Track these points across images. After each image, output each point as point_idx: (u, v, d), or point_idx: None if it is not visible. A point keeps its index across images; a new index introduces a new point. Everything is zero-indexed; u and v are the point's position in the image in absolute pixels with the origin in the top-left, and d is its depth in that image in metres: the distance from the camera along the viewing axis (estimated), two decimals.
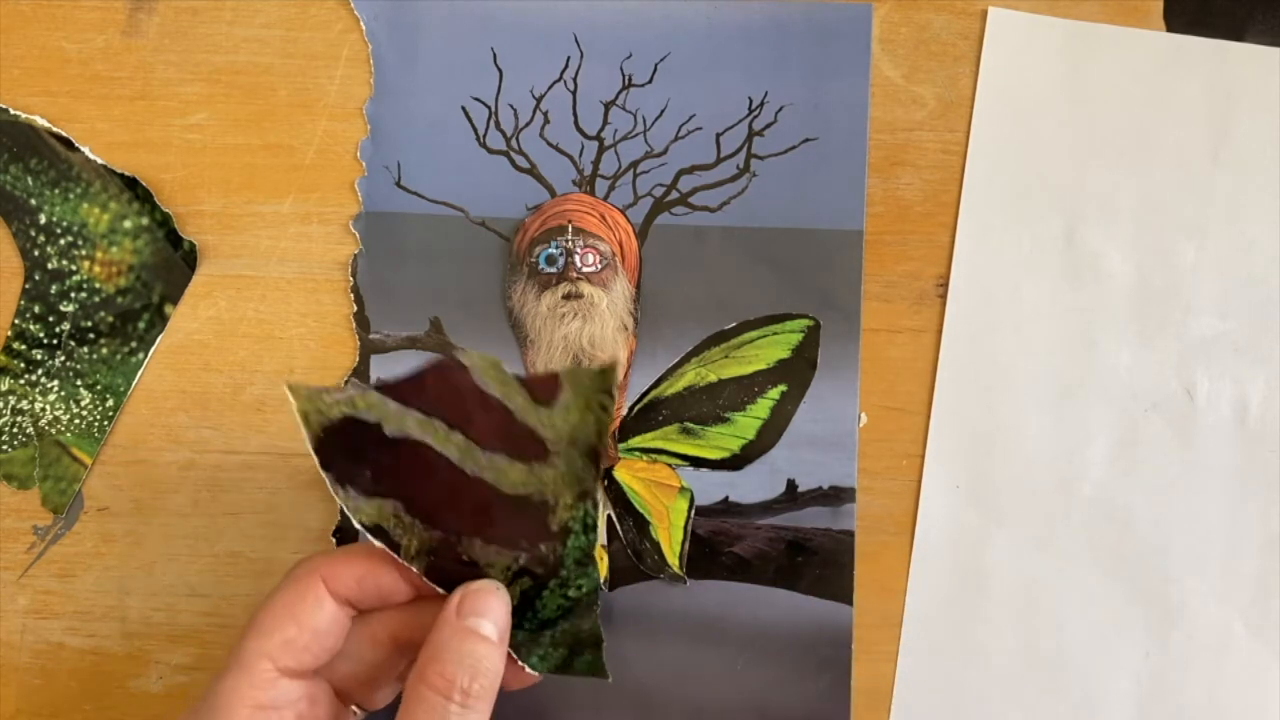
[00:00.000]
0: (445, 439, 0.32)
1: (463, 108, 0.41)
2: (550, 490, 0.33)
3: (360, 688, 0.33)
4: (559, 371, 0.33)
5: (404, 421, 0.32)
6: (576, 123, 0.41)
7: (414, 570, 0.33)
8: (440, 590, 0.33)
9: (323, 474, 0.32)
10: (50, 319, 0.40)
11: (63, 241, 0.40)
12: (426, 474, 0.32)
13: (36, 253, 0.40)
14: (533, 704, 0.39)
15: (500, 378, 0.32)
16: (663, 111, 0.41)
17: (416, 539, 0.33)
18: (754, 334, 0.40)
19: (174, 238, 0.40)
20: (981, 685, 0.40)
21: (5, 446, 0.40)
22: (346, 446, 0.32)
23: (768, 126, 0.41)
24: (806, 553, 0.39)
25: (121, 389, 0.40)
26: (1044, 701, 0.39)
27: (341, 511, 0.40)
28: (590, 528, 0.33)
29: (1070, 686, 0.40)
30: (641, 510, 0.40)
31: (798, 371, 0.40)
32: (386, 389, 0.32)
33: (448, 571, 0.33)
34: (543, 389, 0.33)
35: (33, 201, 0.40)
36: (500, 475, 0.33)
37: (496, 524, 0.33)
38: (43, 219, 0.40)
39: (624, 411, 0.40)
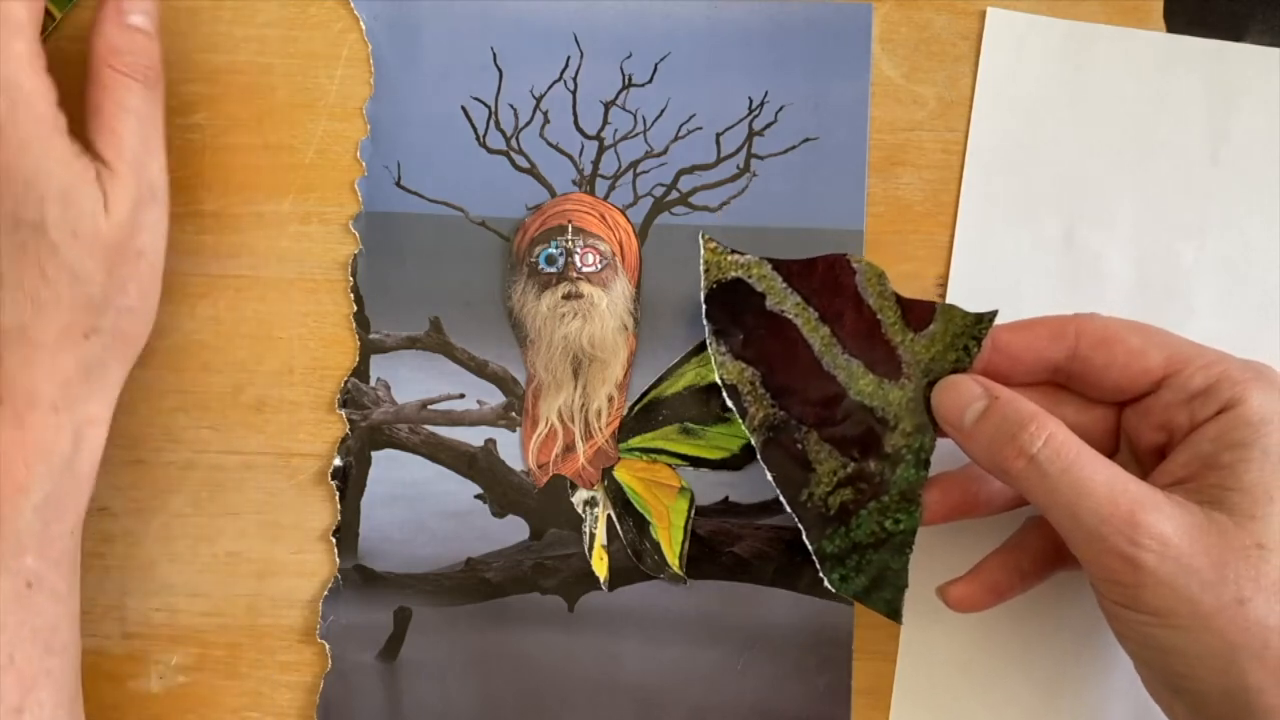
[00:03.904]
0: (815, 328, 0.35)
1: (463, 108, 0.41)
2: (893, 411, 0.35)
3: None
4: (937, 303, 0.36)
5: (785, 300, 0.35)
6: (576, 122, 0.41)
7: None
8: (769, 471, 0.36)
9: (705, 323, 0.36)
10: None
11: None
12: (789, 355, 0.35)
13: None
14: (534, 703, 0.39)
15: (880, 290, 0.36)
16: (663, 111, 0.41)
17: (763, 411, 0.35)
18: None
19: None
20: (981, 685, 0.40)
21: None
22: (731, 306, 0.35)
23: (768, 126, 0.41)
24: (806, 553, 0.39)
25: None
26: (1044, 701, 0.40)
27: (342, 511, 0.40)
28: (923, 464, 0.35)
29: (1070, 686, 0.40)
30: (641, 510, 0.40)
31: None
32: (779, 266, 0.36)
33: (780, 454, 0.36)
34: (916, 314, 0.36)
35: None
36: (851, 379, 0.35)
37: (836, 425, 0.35)
38: None
39: (624, 411, 0.40)
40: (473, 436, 0.40)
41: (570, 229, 0.40)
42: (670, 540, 0.40)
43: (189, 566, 0.40)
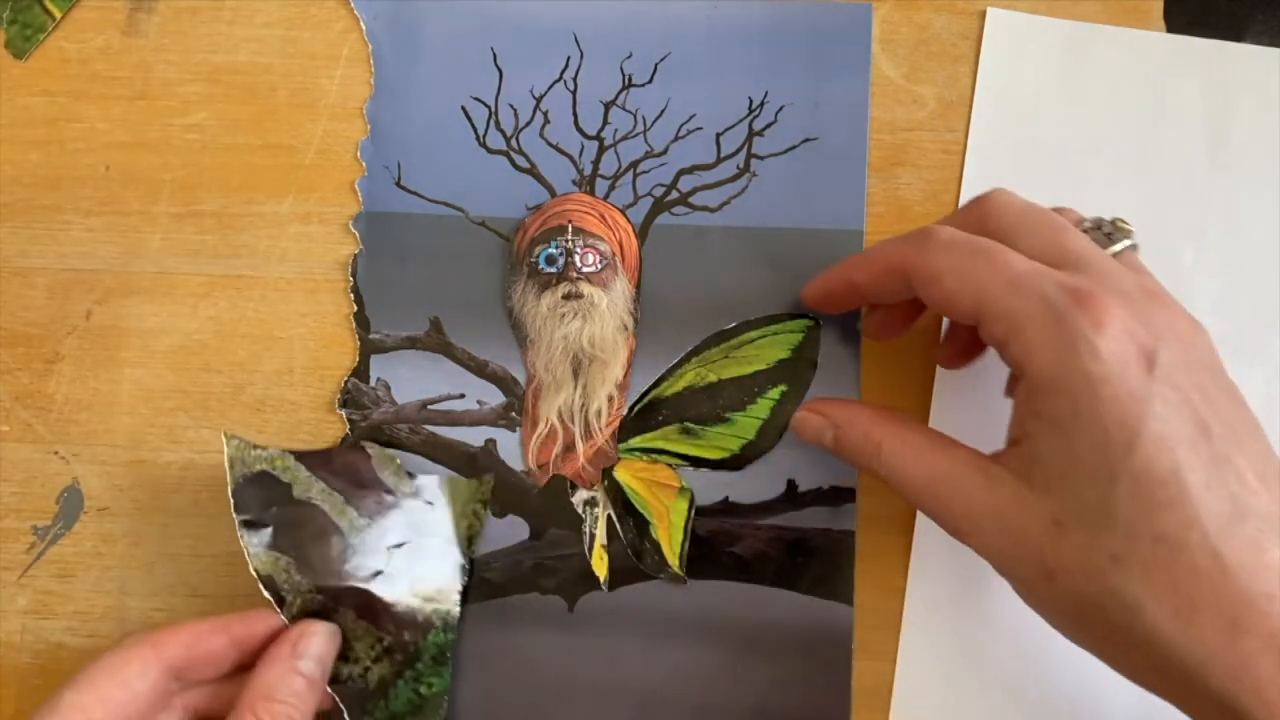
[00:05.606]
0: (341, 511, 0.37)
1: (463, 108, 0.41)
2: None
3: None
4: (440, 478, 0.39)
5: (311, 488, 0.37)
6: (576, 123, 0.41)
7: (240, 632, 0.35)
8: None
9: (234, 517, 0.36)
10: None
11: None
12: (320, 540, 0.36)
13: None
14: (534, 703, 0.39)
15: (394, 469, 0.38)
16: (663, 111, 0.41)
17: (301, 599, 0.36)
18: (754, 334, 0.40)
19: None
20: (981, 685, 0.40)
21: None
22: (259, 499, 0.36)
23: (768, 126, 0.41)
24: (806, 553, 0.39)
25: None
26: (1044, 701, 0.39)
27: None
28: (451, 626, 0.37)
29: (1070, 686, 0.40)
30: (641, 510, 0.40)
31: (798, 371, 0.40)
32: (301, 456, 0.37)
33: None
34: (426, 490, 0.38)
35: None
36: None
37: (370, 603, 0.36)
38: None
39: (624, 411, 0.40)
40: (473, 436, 0.40)
41: (570, 229, 0.40)
42: (670, 540, 0.40)
43: (189, 566, 0.40)
